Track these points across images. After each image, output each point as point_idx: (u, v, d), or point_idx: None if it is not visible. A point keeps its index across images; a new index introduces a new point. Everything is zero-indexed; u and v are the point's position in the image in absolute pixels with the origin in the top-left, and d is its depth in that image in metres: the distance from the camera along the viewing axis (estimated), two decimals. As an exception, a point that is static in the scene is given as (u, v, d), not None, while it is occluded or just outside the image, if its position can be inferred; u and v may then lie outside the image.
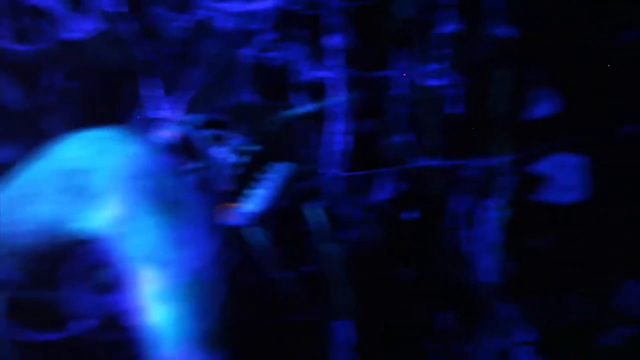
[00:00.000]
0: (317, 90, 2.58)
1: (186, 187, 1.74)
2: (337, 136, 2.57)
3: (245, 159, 2.48)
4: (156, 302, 1.61)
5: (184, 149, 2.38)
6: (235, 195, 2.44)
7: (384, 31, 2.62)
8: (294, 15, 2.54)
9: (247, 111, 2.53)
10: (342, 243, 2.56)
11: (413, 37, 2.62)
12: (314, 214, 2.55)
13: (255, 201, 2.48)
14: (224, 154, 2.45)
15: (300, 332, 2.52)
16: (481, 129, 2.62)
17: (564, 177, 2.58)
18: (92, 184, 1.66)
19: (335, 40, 2.55)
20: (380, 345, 2.59)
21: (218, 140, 2.48)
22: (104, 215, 1.64)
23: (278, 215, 2.51)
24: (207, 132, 2.46)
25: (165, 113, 2.47)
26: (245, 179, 2.47)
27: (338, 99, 2.56)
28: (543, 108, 2.61)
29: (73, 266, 2.12)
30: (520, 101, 2.62)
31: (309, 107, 2.57)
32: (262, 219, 2.47)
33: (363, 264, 2.59)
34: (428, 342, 2.59)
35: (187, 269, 1.61)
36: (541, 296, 2.58)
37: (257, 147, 2.49)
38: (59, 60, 2.46)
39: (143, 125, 2.39)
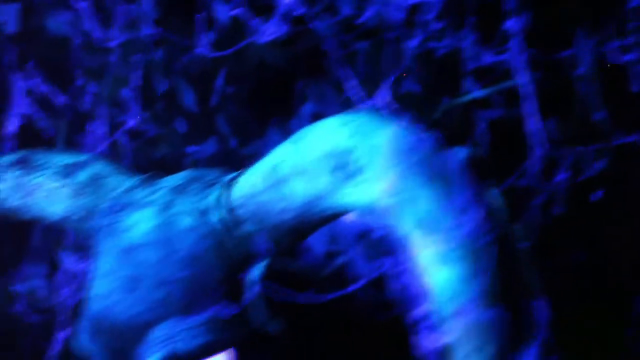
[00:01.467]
0: (492, 75, 2.54)
1: (449, 159, 1.78)
2: (524, 118, 2.52)
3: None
4: (431, 266, 1.68)
5: None
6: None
7: (564, 9, 2.50)
8: (467, 1, 2.51)
9: (420, 99, 2.56)
10: (530, 224, 2.53)
11: (598, 13, 2.48)
12: (495, 196, 2.55)
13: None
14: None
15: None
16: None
17: None
18: (357, 162, 1.69)
19: (512, 23, 2.49)
20: (574, 326, 2.55)
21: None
22: (373, 189, 1.67)
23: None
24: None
25: (348, 105, 2.57)
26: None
27: (517, 81, 2.51)
28: None
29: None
30: None
31: (484, 92, 2.54)
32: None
33: (551, 245, 2.55)
34: (621, 327, 2.52)
35: (461, 234, 1.65)
36: None
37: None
38: (241, 63, 2.63)
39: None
